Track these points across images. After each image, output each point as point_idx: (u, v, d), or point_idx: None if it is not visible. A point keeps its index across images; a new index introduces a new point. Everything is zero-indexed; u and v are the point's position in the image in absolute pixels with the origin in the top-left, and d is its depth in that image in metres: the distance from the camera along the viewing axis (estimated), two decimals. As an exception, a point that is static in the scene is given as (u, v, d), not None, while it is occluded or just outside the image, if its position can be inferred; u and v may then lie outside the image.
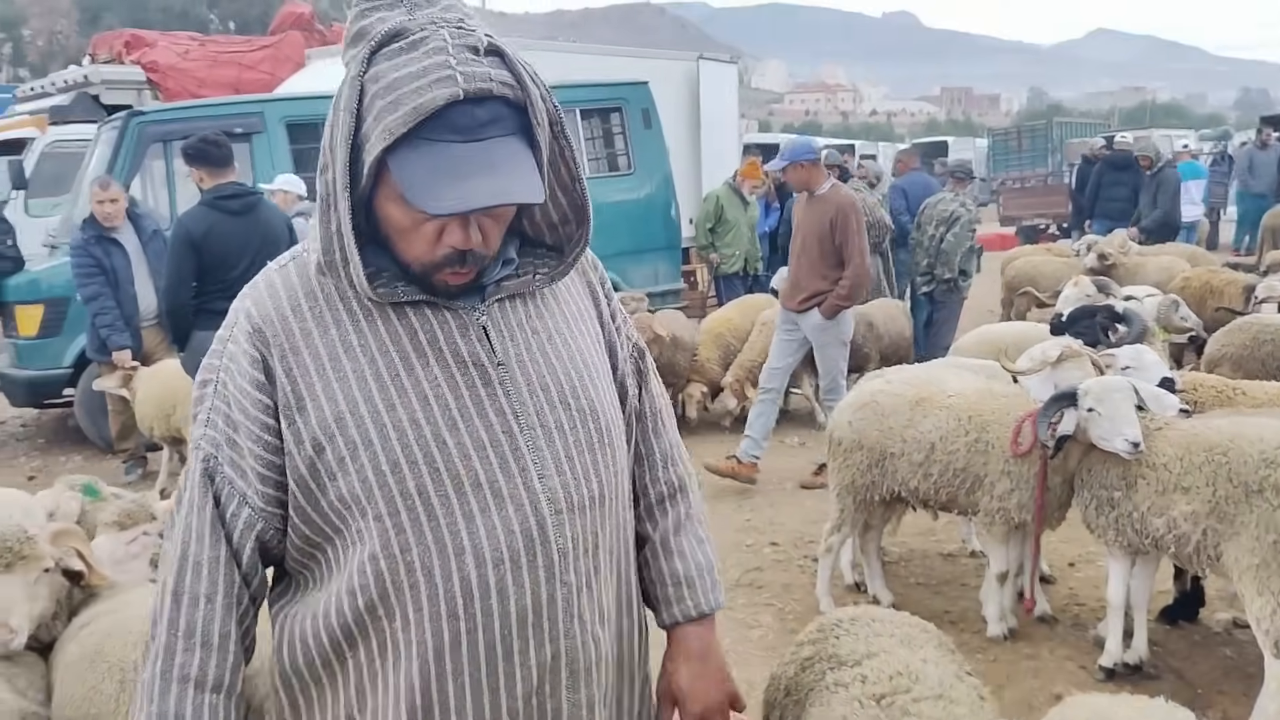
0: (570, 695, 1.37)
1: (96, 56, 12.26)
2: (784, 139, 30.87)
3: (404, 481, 1.29)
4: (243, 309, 1.37)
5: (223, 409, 1.34)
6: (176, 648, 1.31)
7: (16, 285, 7.36)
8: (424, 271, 1.32)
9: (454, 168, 1.22)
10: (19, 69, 44.06)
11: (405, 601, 1.30)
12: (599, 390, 1.45)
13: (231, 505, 1.34)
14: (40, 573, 2.47)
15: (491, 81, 1.23)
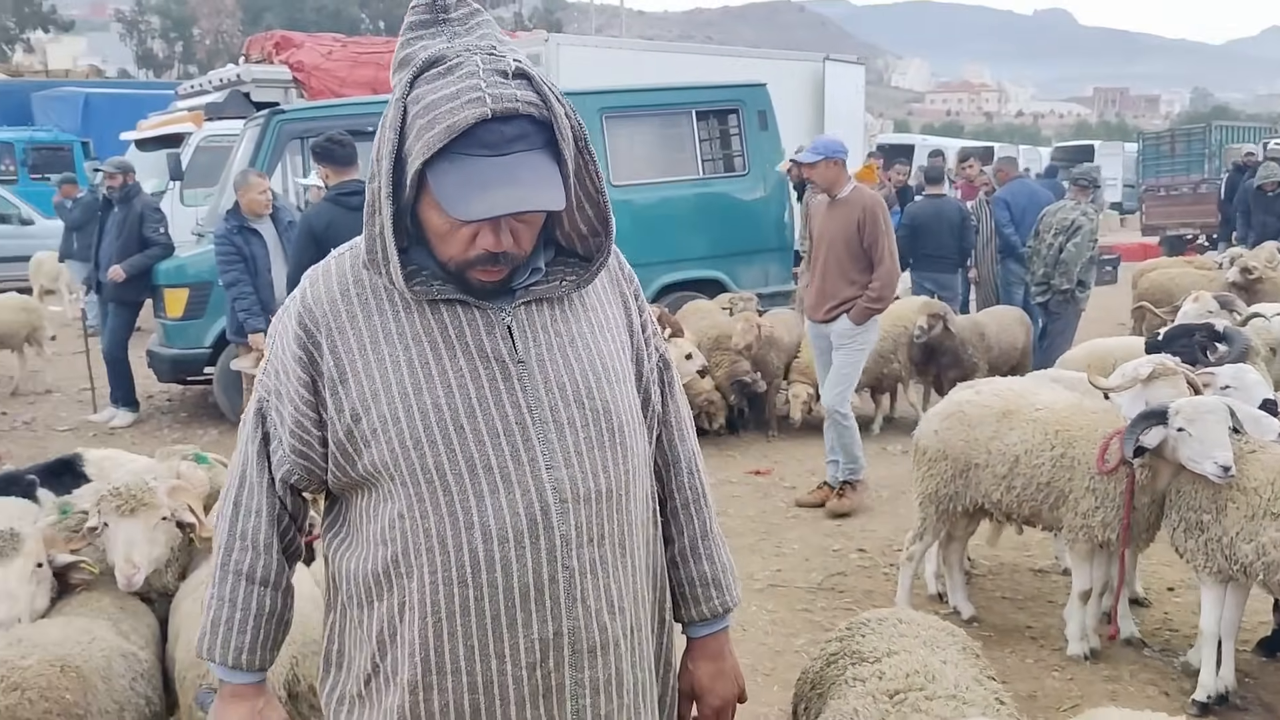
0: (573, 673, 1.48)
1: (249, 56, 13.07)
2: (918, 139, 30.27)
3: (424, 457, 1.44)
4: (301, 289, 1.56)
5: (276, 364, 1.55)
6: (234, 546, 1.57)
7: (166, 270, 7.94)
8: (459, 269, 1.46)
9: (483, 180, 1.36)
10: (188, 66, 46.95)
11: (421, 564, 1.45)
12: (616, 393, 1.56)
13: (273, 443, 1.57)
14: (159, 520, 2.78)
15: (518, 101, 1.37)
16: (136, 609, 2.77)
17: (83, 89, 22.56)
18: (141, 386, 8.53)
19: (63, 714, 2.19)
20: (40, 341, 9.35)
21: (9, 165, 18.60)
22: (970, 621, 4.39)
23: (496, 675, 1.46)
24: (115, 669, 2.40)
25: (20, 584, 2.61)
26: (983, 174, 11.13)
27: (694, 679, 1.73)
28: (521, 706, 1.47)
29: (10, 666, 2.21)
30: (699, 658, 1.74)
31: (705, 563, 1.73)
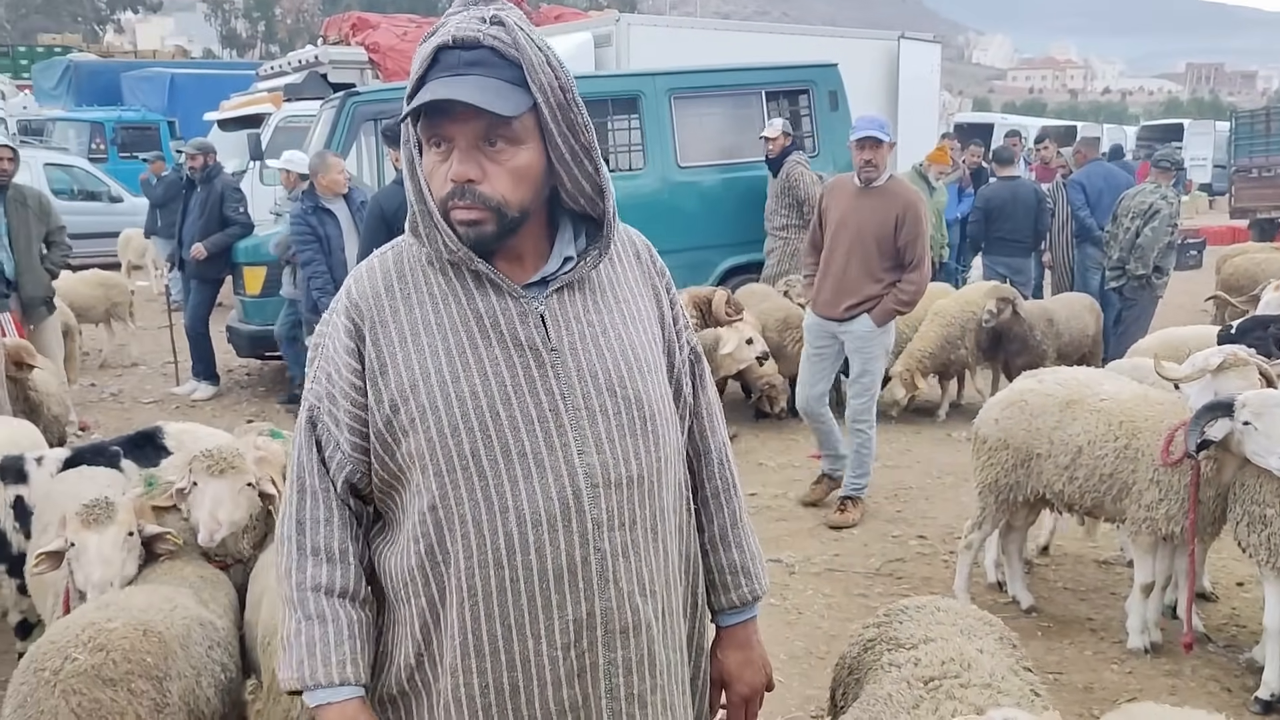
0: (606, 653, 1.53)
1: (327, 38, 13.31)
2: (998, 118, 29.54)
3: (460, 444, 1.49)
4: (346, 285, 1.61)
5: (325, 369, 1.58)
6: (307, 565, 1.57)
7: (245, 248, 8.19)
8: (443, 211, 1.50)
9: (433, 90, 1.44)
10: (269, 45, 47.93)
11: (457, 549, 1.51)
12: (647, 382, 1.60)
13: (329, 449, 1.58)
14: (244, 485, 2.93)
15: (479, 32, 1.46)
16: (216, 579, 2.91)
17: (169, 69, 23.23)
18: (221, 361, 8.83)
19: (143, 675, 2.30)
20: (121, 316, 9.70)
21: (99, 144, 19.25)
22: (1029, 611, 4.36)
23: (533, 655, 1.51)
24: (194, 636, 2.52)
25: (114, 550, 2.77)
26: (1059, 155, 10.86)
27: (723, 667, 1.78)
28: (558, 685, 1.52)
29: (98, 628, 2.34)
30: (728, 646, 1.79)
31: (735, 550, 1.77)
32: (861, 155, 5.22)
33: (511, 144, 1.48)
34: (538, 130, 1.49)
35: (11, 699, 2.25)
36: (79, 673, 2.24)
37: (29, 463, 3.74)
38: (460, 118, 1.45)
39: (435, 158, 1.50)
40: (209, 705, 2.51)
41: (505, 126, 1.47)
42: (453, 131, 1.46)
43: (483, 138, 1.47)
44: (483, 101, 1.42)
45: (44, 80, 25.42)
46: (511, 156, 1.49)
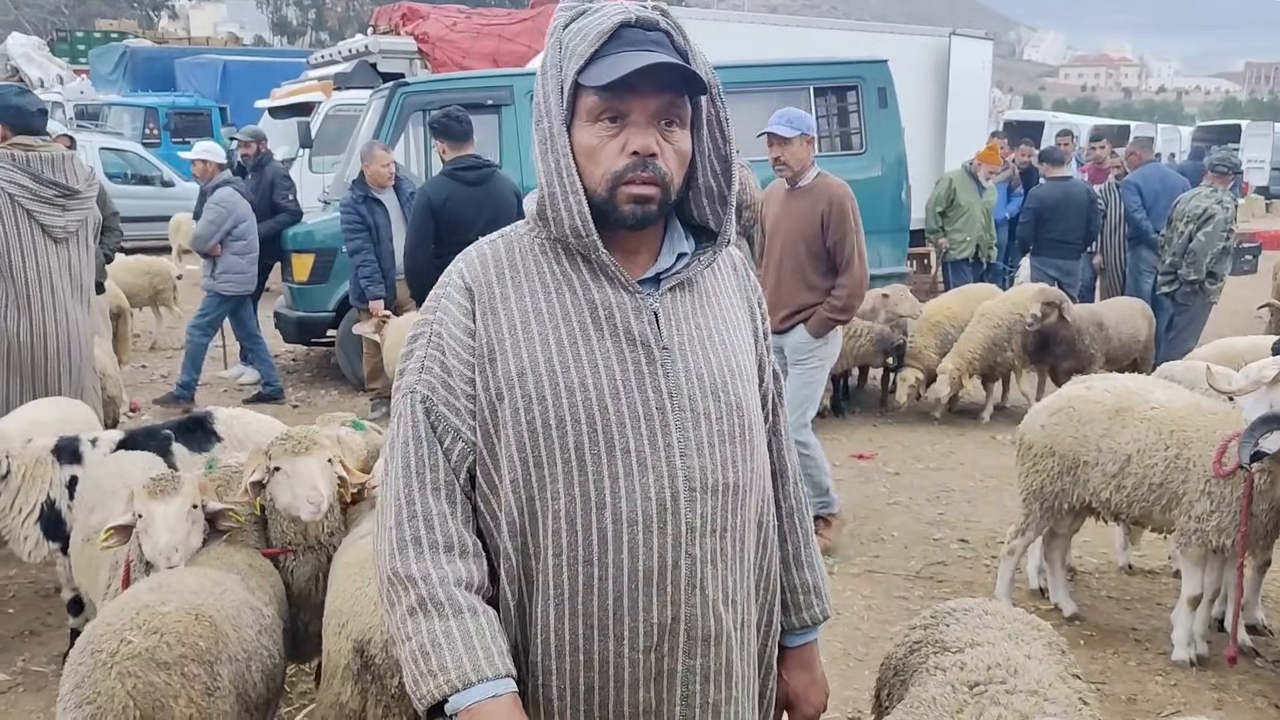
0: (686, 660, 1.51)
1: (377, 27, 13.41)
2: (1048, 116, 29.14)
3: (565, 436, 1.47)
4: (456, 270, 1.58)
5: (437, 356, 1.53)
6: (441, 562, 1.48)
7: (294, 235, 8.29)
8: (611, 186, 1.47)
9: (623, 61, 1.43)
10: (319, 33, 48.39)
11: (548, 545, 1.48)
12: (746, 391, 1.59)
13: (447, 439, 1.52)
14: (328, 460, 2.97)
15: (657, 15, 1.49)
16: (264, 568, 2.95)
17: (221, 56, 23.55)
18: (269, 346, 8.94)
19: (196, 659, 2.33)
20: (165, 302, 9.85)
21: (153, 129, 19.59)
22: (1072, 619, 4.31)
23: (613, 656, 1.50)
24: (244, 620, 2.57)
25: (179, 519, 2.84)
26: (1114, 156, 10.68)
27: (788, 687, 1.77)
28: (635, 688, 1.51)
29: (152, 611, 2.37)
30: (793, 667, 1.78)
31: (807, 570, 1.77)
32: (770, 153, 4.91)
33: (681, 126, 1.49)
34: (690, 121, 1.51)
35: (69, 678, 2.30)
36: (134, 655, 2.28)
37: (84, 444, 3.82)
38: (644, 92, 1.44)
39: (604, 133, 1.47)
40: (255, 689, 2.55)
41: (682, 107, 1.48)
42: (633, 106, 1.45)
43: (661, 115, 1.46)
44: (683, 69, 1.43)
45: (101, 66, 25.90)
46: (680, 139, 1.49)
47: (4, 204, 4.36)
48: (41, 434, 3.85)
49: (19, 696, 3.70)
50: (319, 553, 3.04)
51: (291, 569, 3.03)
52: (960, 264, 9.61)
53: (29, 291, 4.46)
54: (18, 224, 4.40)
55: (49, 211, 4.47)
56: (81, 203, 4.62)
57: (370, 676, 2.50)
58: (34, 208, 4.42)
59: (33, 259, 4.46)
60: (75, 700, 2.24)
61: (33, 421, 4.04)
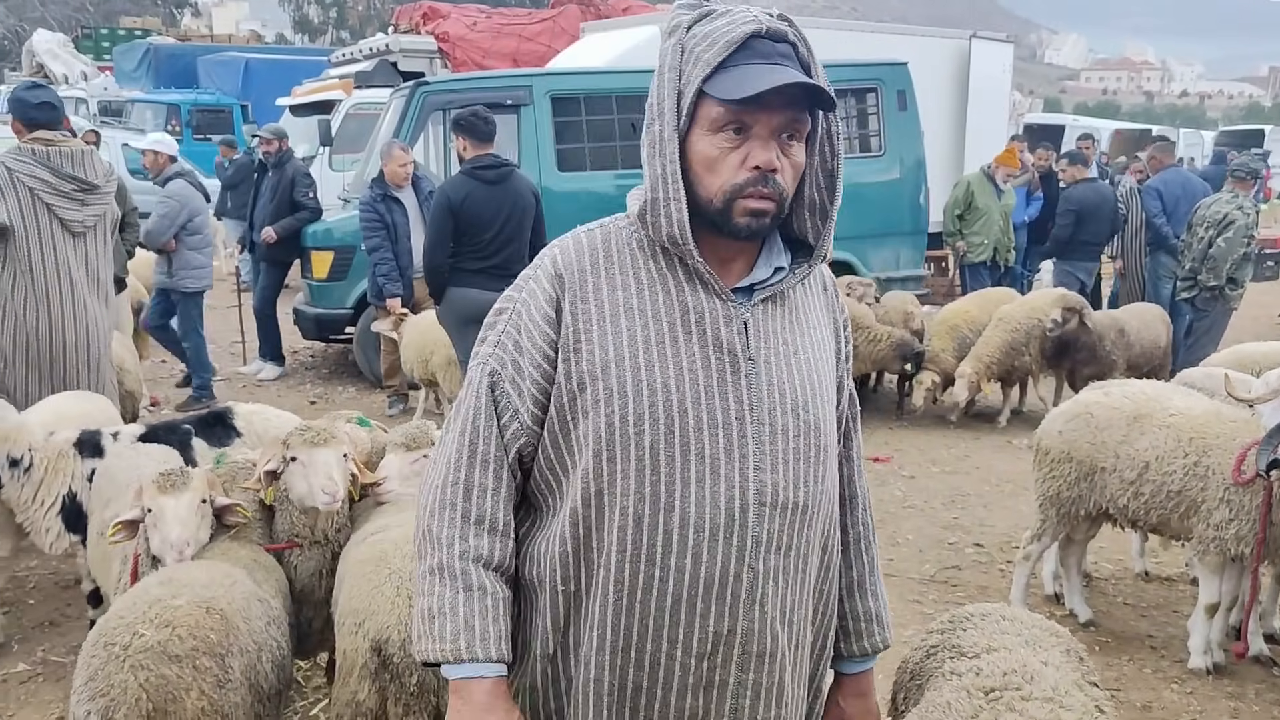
0: (739, 674, 1.51)
1: (398, 26, 13.48)
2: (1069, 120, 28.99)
3: (643, 435, 1.46)
4: (550, 255, 1.56)
5: (513, 335, 1.54)
6: (470, 533, 1.52)
7: (313, 232, 8.34)
8: (728, 199, 1.45)
9: (756, 74, 1.42)
10: (340, 31, 48.58)
11: (612, 541, 1.48)
12: (826, 412, 1.58)
13: (505, 416, 1.53)
14: (343, 453, 2.99)
15: (785, 28, 1.47)
16: (268, 563, 2.97)
17: (244, 54, 23.68)
18: (287, 342, 9.00)
19: (207, 652, 2.35)
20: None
21: (175, 126, 19.69)
22: (1087, 625, 4.29)
23: (665, 658, 1.50)
24: (254, 612, 2.59)
25: (189, 513, 2.86)
26: (1136, 160, 10.62)
27: (843, 714, 1.75)
28: (683, 693, 1.51)
29: (163, 605, 2.40)
30: (849, 694, 1.76)
31: (870, 599, 1.76)
32: None
33: (799, 142, 1.48)
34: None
35: (82, 671, 2.32)
36: (146, 648, 2.30)
37: (105, 437, 3.86)
38: (771, 107, 1.42)
39: (726, 144, 1.45)
40: (267, 680, 2.57)
41: (803, 123, 1.46)
42: (758, 120, 1.43)
43: (782, 130, 1.45)
44: (814, 87, 1.41)
45: (125, 63, 26.08)
46: (798, 153, 1.49)
47: (24, 197, 4.41)
48: (64, 427, 3.89)
49: (39, 686, 3.75)
50: (324, 548, 3.06)
51: (296, 564, 3.05)
52: (978, 267, 9.58)
53: (47, 285, 4.50)
54: (37, 218, 4.44)
55: (68, 206, 4.52)
56: (101, 198, 4.66)
57: (389, 675, 2.51)
58: (53, 202, 4.47)
59: (51, 253, 4.50)
60: (89, 693, 2.26)
61: (56, 414, 4.08)
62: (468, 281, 5.55)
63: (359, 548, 2.86)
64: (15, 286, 4.48)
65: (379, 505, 3.11)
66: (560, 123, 8.31)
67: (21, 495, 3.73)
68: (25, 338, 4.50)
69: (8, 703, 3.63)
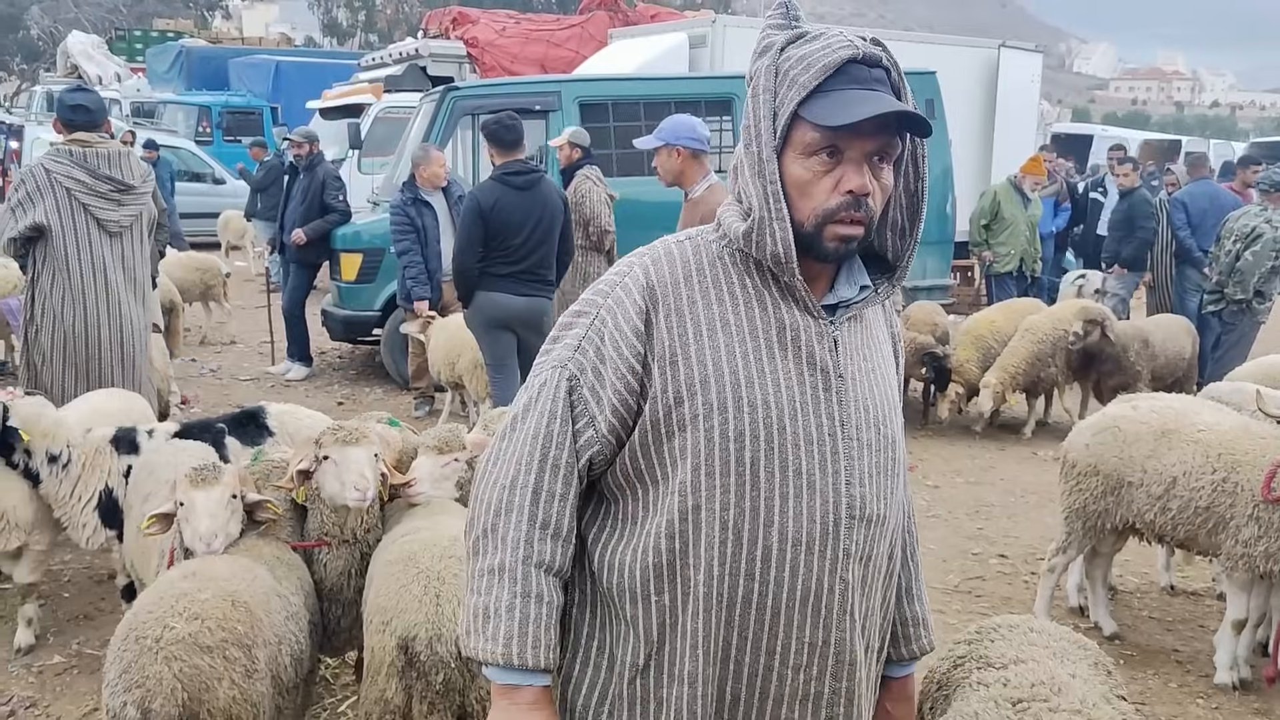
0: (833, 683, 1.55)
1: (428, 31, 13.59)
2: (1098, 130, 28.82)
3: (743, 450, 1.48)
4: (640, 264, 1.56)
5: (596, 341, 1.52)
6: (534, 537, 1.50)
7: (343, 235, 8.41)
8: (820, 223, 1.47)
9: (851, 99, 1.44)
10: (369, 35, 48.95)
11: (712, 556, 1.49)
12: (898, 426, 1.64)
13: (580, 423, 1.52)
14: (375, 453, 3.02)
15: (880, 53, 1.49)
16: (291, 561, 3.01)
17: (274, 57, 23.94)
18: (315, 343, 9.09)
19: (235, 643, 2.41)
20: (215, 298, 10.04)
21: (205, 127, 19.96)
22: (1112, 639, 4.28)
23: (763, 670, 1.52)
24: (273, 606, 2.64)
25: (219, 507, 2.91)
26: (1169, 173, 10.56)
27: (890, 717, 1.77)
28: (779, 704, 1.53)
29: (190, 599, 2.45)
30: (897, 698, 1.78)
31: (917, 603, 1.79)
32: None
33: (889, 165, 1.49)
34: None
35: (114, 665, 2.36)
36: (178, 640, 2.35)
37: (141, 435, 3.93)
38: (865, 132, 1.44)
39: (819, 168, 1.47)
40: (286, 673, 2.62)
41: (894, 148, 1.48)
42: (852, 144, 1.45)
43: (875, 154, 1.47)
44: (909, 110, 1.44)
45: (157, 64, 26.43)
46: (887, 176, 1.50)
47: (61, 198, 4.50)
48: (101, 424, 3.96)
49: (74, 678, 3.81)
50: (353, 548, 3.09)
51: (325, 562, 3.09)
52: (1004, 277, 9.55)
53: (84, 284, 4.59)
54: (74, 217, 4.53)
55: (104, 206, 4.60)
56: (137, 198, 4.74)
57: (415, 673, 2.55)
58: (89, 201, 4.56)
59: (88, 252, 4.59)
60: (124, 685, 2.31)
61: (93, 411, 4.16)
62: (496, 286, 5.61)
63: (389, 548, 2.90)
64: (54, 285, 4.57)
65: (410, 508, 3.15)
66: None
67: (60, 491, 3.81)
68: (63, 336, 4.59)
69: (44, 693, 3.70)
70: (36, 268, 4.59)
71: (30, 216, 4.46)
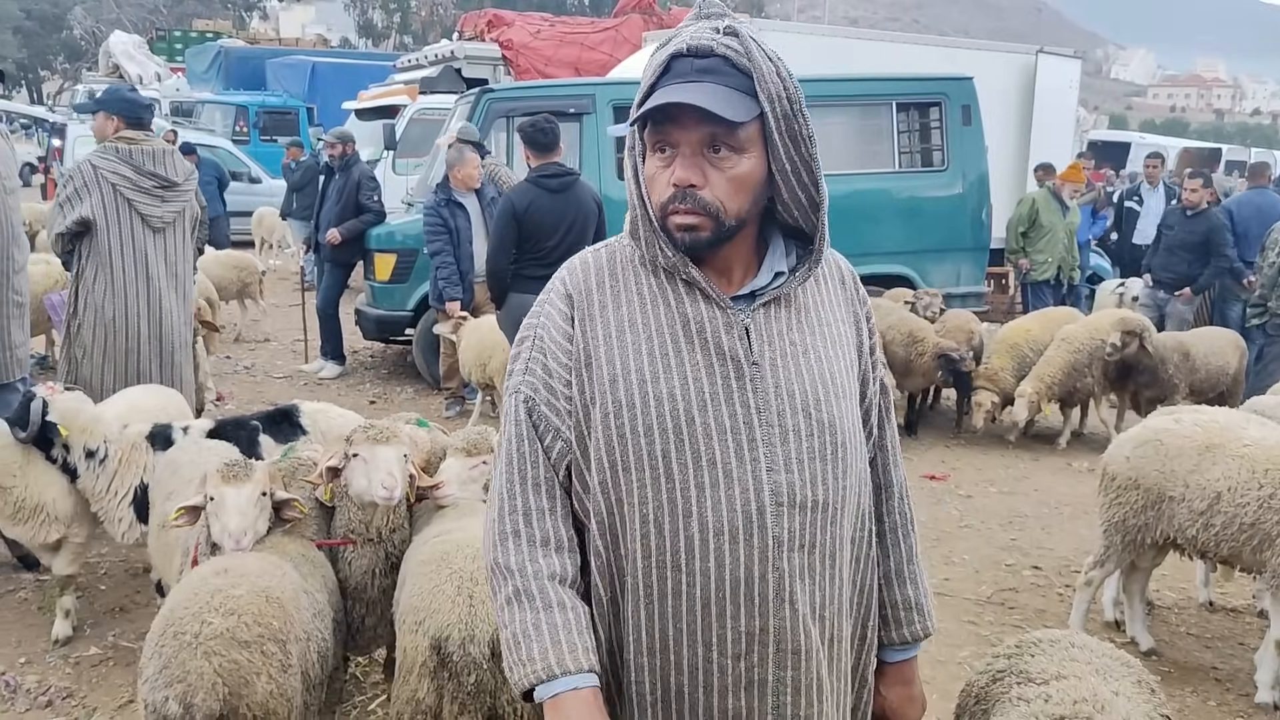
0: (776, 671, 1.53)
1: (463, 33, 13.65)
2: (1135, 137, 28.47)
3: (654, 444, 1.51)
4: (559, 278, 1.63)
5: (540, 359, 1.59)
6: (538, 554, 1.55)
7: (377, 235, 8.47)
8: (662, 216, 1.52)
9: (660, 98, 1.46)
10: (404, 36, 49.33)
11: (635, 548, 1.53)
12: (842, 409, 1.59)
13: (547, 438, 1.58)
14: (404, 453, 3.04)
15: (713, 40, 1.48)
16: (316, 559, 3.02)
17: (311, 58, 24.16)
18: (348, 342, 9.15)
19: (271, 638, 2.43)
20: (252, 295, 10.16)
21: (242, 127, 20.17)
22: (1149, 655, 4.20)
23: (702, 661, 1.53)
24: (301, 603, 2.65)
25: (249, 505, 2.93)
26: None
27: (886, 703, 1.77)
28: (724, 694, 1.54)
29: (226, 594, 2.47)
30: (892, 683, 1.78)
31: (909, 587, 1.77)
32: None
33: (735, 152, 1.49)
34: (761, 140, 1.50)
35: (153, 661, 2.37)
36: (216, 635, 2.37)
37: (176, 431, 3.97)
38: (686, 124, 1.46)
39: (658, 163, 1.52)
40: (314, 670, 2.63)
41: (730, 134, 1.47)
42: (678, 137, 1.48)
43: (707, 144, 1.48)
44: (711, 105, 1.43)
45: (196, 64, 26.77)
46: (734, 164, 1.49)
47: (107, 193, 4.58)
48: (139, 420, 4.00)
49: (109, 670, 3.85)
50: (378, 547, 3.10)
51: (350, 560, 3.10)
52: (1041, 285, 9.45)
53: (124, 278, 4.66)
54: (118, 212, 4.62)
55: (148, 201, 4.68)
56: (180, 195, 4.81)
57: (447, 674, 2.55)
58: (134, 197, 4.64)
59: (130, 246, 4.66)
60: (164, 680, 2.32)
61: (131, 407, 4.21)
62: (529, 288, 5.60)
63: (421, 548, 2.90)
64: (96, 280, 4.64)
65: (438, 509, 3.16)
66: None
67: (96, 485, 3.85)
68: (104, 330, 4.65)
69: (80, 684, 3.74)
70: (80, 262, 4.66)
71: (77, 211, 4.55)
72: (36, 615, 4.26)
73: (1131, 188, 10.94)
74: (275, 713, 2.40)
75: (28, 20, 49.81)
